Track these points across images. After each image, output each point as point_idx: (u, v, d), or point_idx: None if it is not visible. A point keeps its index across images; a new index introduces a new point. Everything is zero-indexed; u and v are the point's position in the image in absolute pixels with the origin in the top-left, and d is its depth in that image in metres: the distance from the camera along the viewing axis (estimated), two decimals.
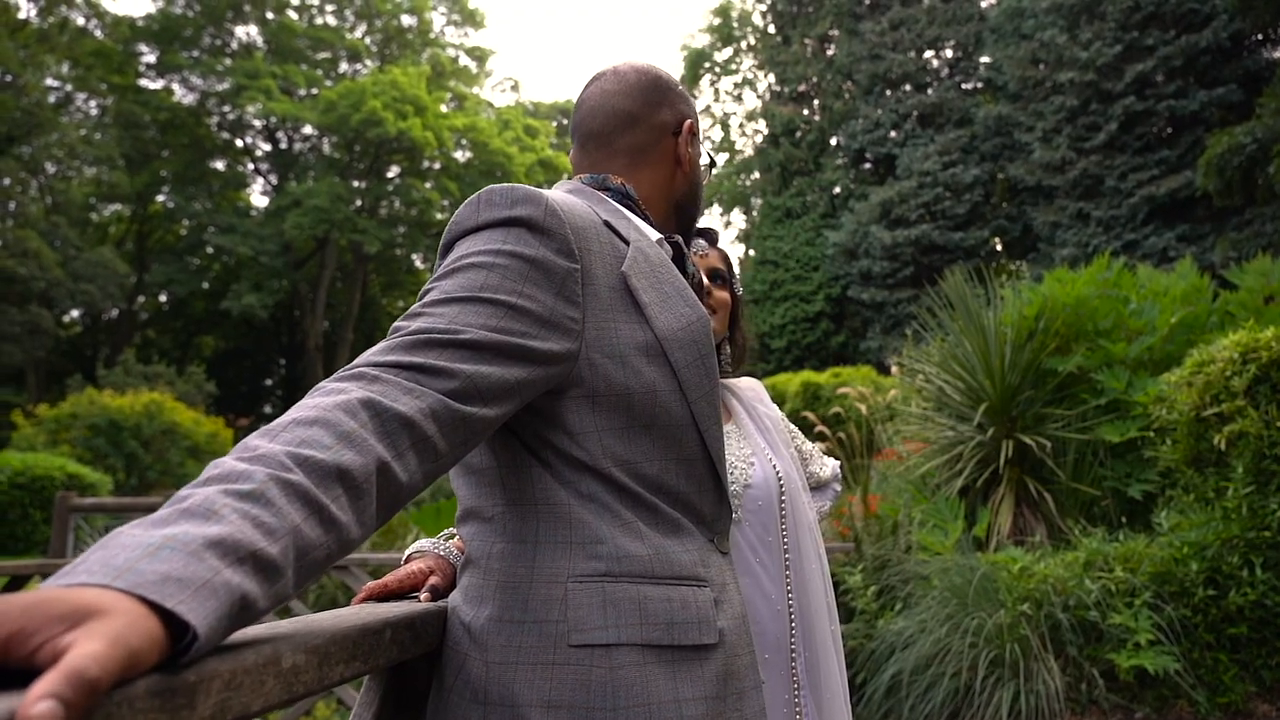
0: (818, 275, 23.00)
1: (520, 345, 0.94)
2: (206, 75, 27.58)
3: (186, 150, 28.33)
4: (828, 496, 1.99)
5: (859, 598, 5.11)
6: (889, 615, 4.89)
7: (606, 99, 1.31)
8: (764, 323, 22.61)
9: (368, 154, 28.60)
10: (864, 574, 5.33)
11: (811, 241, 23.61)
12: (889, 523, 5.75)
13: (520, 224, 1.02)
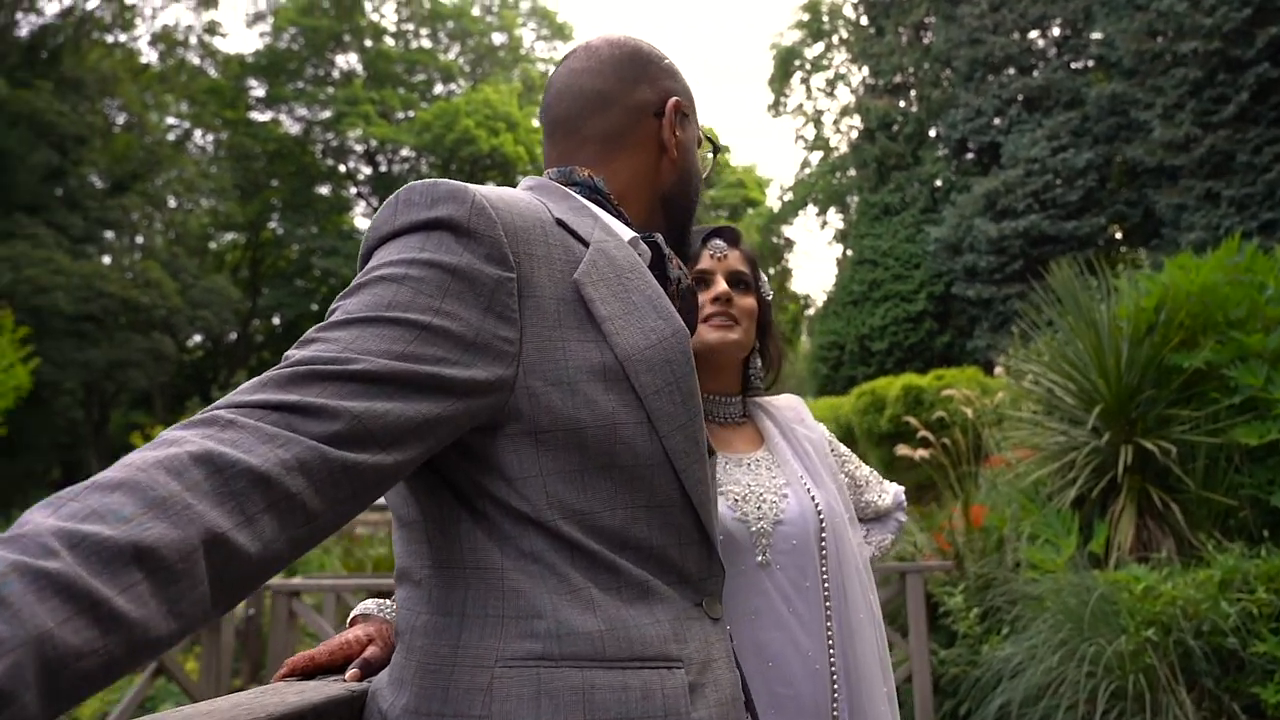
0: (919, 273, 22.20)
1: (432, 375, 0.79)
2: (310, 105, 28.89)
3: (294, 178, 29.67)
4: (889, 529, 1.76)
5: (961, 620, 4.72)
6: (995, 640, 4.50)
7: (574, 79, 1.14)
8: (863, 324, 21.95)
9: (463, 171, 29.29)
10: (966, 594, 4.93)
11: (912, 238, 22.83)
12: (994, 537, 5.32)
13: (442, 226, 0.87)
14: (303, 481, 0.69)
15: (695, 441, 0.94)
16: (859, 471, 1.76)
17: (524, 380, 0.86)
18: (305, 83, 29.54)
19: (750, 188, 33.67)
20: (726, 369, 1.64)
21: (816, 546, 1.48)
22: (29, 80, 23.81)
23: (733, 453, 1.58)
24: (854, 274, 22.83)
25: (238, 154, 28.37)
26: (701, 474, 0.95)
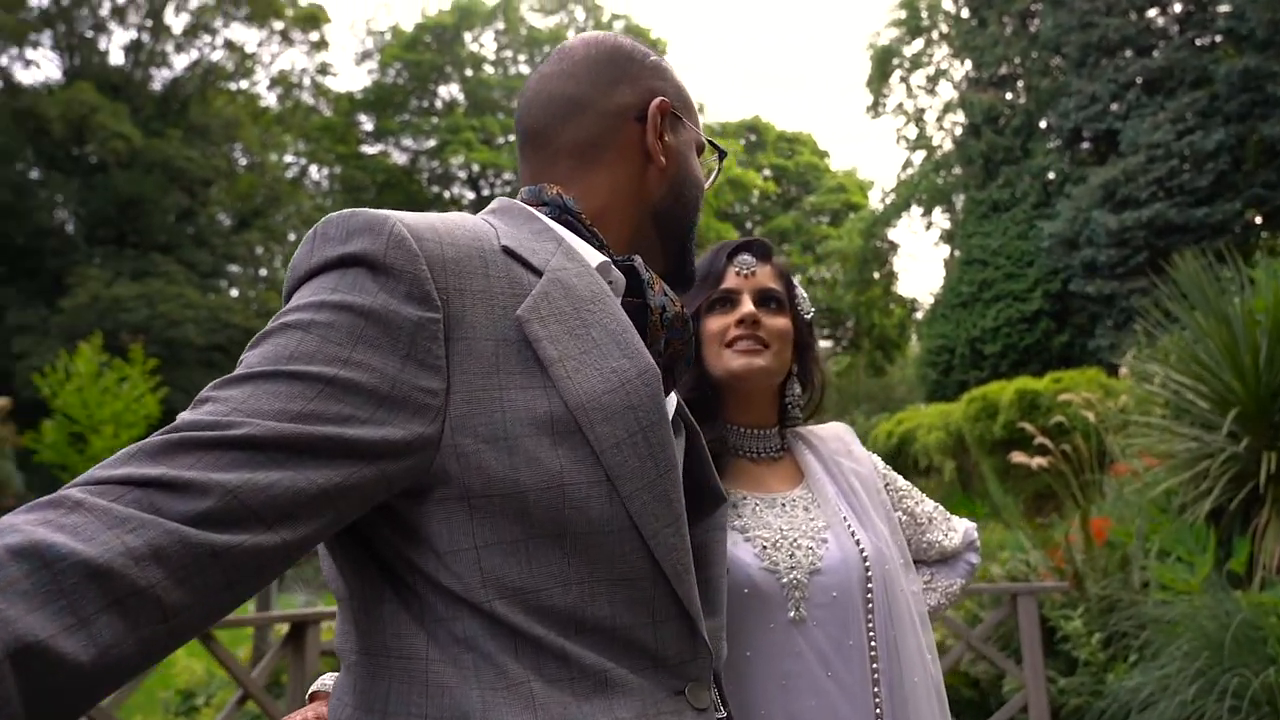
0: (1033, 271, 21.23)
1: (332, 437, 0.70)
2: (416, 135, 30.13)
3: (403, 206, 30.67)
4: (958, 573, 1.59)
5: (1081, 646, 4.36)
6: (1121, 668, 4.13)
7: (544, 85, 1.02)
8: (974, 327, 21.11)
9: None
10: (1087, 618, 4.56)
11: (1024, 235, 21.87)
12: (1119, 553, 4.92)
13: (356, 263, 0.77)
14: (158, 572, 0.60)
15: (668, 502, 0.82)
16: (920, 507, 1.58)
17: (451, 437, 0.76)
18: (410, 114, 30.78)
19: (852, 191, 33.04)
20: (758, 398, 1.50)
21: (861, 598, 1.33)
22: (161, 130, 25.73)
23: (765, 492, 1.44)
24: (963, 274, 22.02)
25: (350, 186, 29.73)
26: (676, 540, 0.82)
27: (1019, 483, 10.16)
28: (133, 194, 24.93)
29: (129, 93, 26.80)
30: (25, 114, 24.45)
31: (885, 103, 27.71)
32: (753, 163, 35.44)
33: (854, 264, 29.15)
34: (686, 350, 0.98)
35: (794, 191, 36.07)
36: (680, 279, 1.07)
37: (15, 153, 24.75)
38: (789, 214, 34.26)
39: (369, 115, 30.77)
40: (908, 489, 1.58)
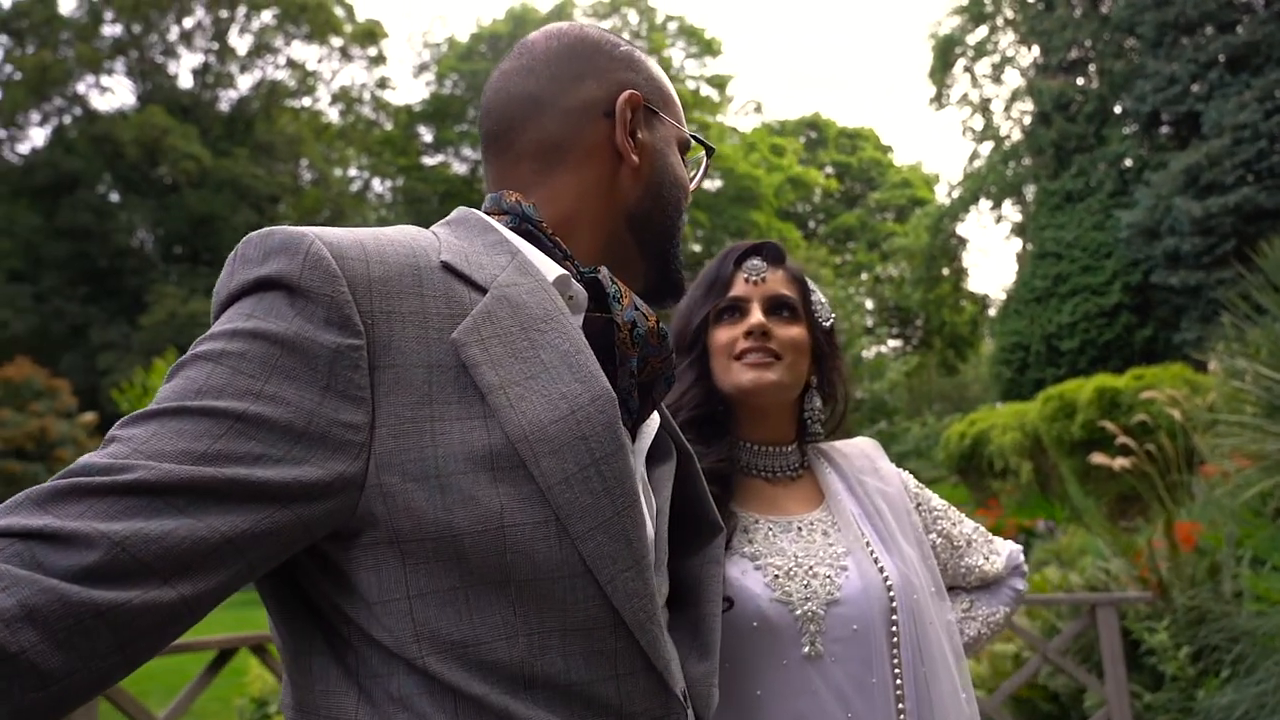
0: (1111, 263, 20.39)
1: (238, 480, 0.65)
2: (474, 145, 30.35)
3: None
4: (1001, 600, 1.48)
5: (1168, 660, 4.01)
6: (1212, 684, 3.79)
7: (504, 83, 0.95)
8: (1049, 322, 20.38)
9: None
10: (1173, 629, 4.20)
11: (1100, 225, 21.05)
12: (1208, 561, 4.54)
13: (273, 286, 0.73)
14: (32, 635, 0.56)
15: (626, 542, 0.74)
16: (958, 529, 1.47)
17: (376, 476, 0.70)
18: (468, 124, 31.14)
19: (917, 186, 32.32)
20: (772, 414, 1.41)
21: (885, 631, 1.23)
22: (229, 149, 26.59)
23: (780, 514, 1.35)
24: (1036, 268, 21.26)
25: (412, 198, 30.23)
26: (638, 584, 0.75)
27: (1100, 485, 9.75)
28: (204, 212, 25.76)
29: (198, 114, 27.70)
30: (102, 139, 25.47)
31: (949, 94, 27.04)
32: (814, 160, 34.97)
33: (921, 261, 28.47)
34: (666, 368, 0.90)
35: (857, 188, 35.46)
36: (665, 288, 1.00)
37: (95, 177, 25.87)
38: (852, 211, 33.69)
39: (428, 127, 31.25)
40: (943, 509, 1.47)
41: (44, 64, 25.28)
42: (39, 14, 25.83)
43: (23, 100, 25.46)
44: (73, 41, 26.39)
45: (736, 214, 28.77)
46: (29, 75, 25.39)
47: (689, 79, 34.38)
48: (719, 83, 34.71)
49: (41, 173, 25.21)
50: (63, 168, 25.11)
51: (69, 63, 26.04)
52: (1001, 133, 27.26)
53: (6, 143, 26.16)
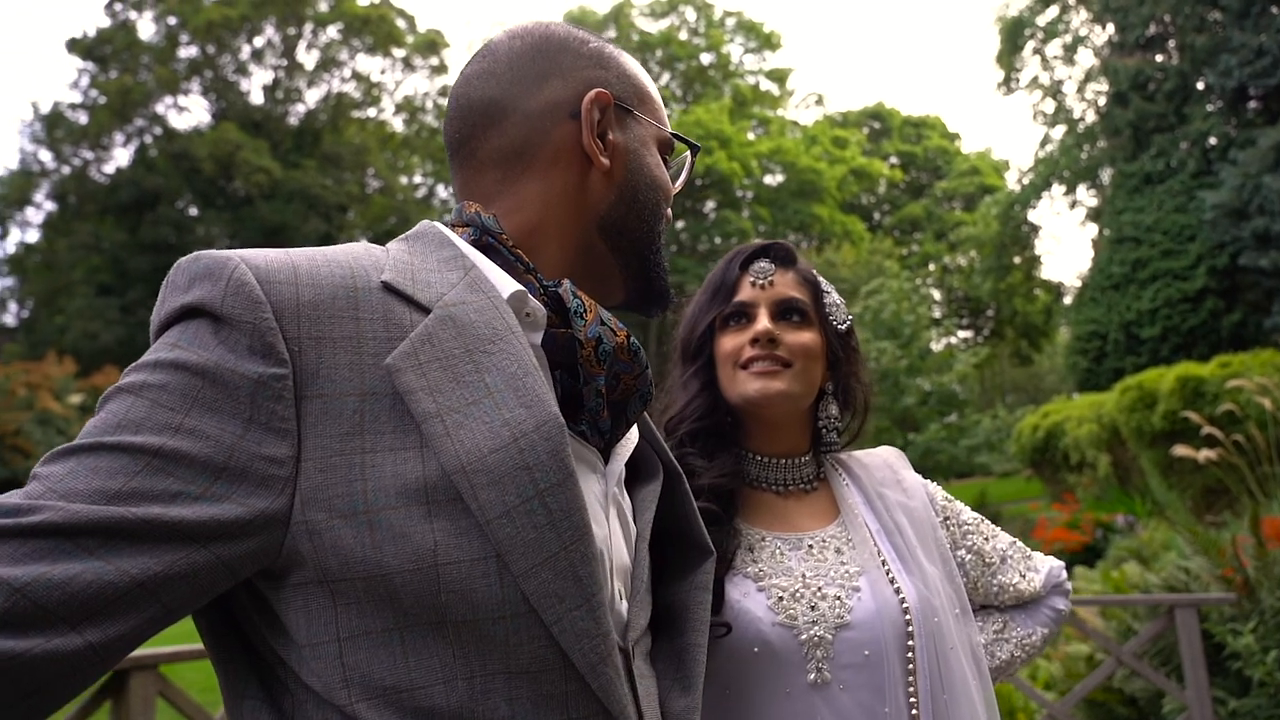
0: (1194, 246, 19.52)
1: (155, 519, 0.62)
2: None
3: None
4: (1039, 620, 1.40)
5: (1254, 665, 3.78)
6: None
7: (465, 88, 0.92)
8: (1128, 310, 19.59)
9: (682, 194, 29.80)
10: (1261, 632, 3.95)
11: (1182, 207, 20.17)
12: None
13: (198, 314, 0.70)
14: None
15: (575, 579, 0.70)
16: (991, 544, 1.39)
17: (302, 512, 0.67)
18: None
19: (986, 173, 31.44)
20: (784, 424, 1.34)
21: (900, 657, 1.16)
22: (299, 161, 27.44)
23: (790, 530, 1.28)
24: (1113, 254, 20.47)
25: None
26: (589, 624, 0.70)
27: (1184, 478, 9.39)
28: (277, 223, 26.62)
29: (268, 129, 28.64)
30: (180, 156, 26.54)
31: (1018, 77, 26.25)
32: (877, 151, 34.32)
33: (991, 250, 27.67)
34: (640, 385, 0.86)
35: (923, 178, 34.69)
36: (650, 297, 0.95)
37: (175, 192, 26.94)
38: (919, 201, 32.97)
39: None
40: (974, 523, 1.39)
41: (125, 87, 26.46)
42: (120, 40, 27.07)
43: (107, 122, 26.67)
44: (151, 65, 27.51)
45: (799, 208, 28.42)
46: (112, 98, 26.58)
47: (748, 74, 34.13)
48: (779, 76, 34.34)
49: (126, 191, 26.38)
50: (145, 185, 26.28)
51: (148, 85, 27.16)
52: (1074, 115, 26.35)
53: (94, 163, 27.44)
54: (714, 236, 30.57)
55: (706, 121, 27.42)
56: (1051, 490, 14.39)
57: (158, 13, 27.44)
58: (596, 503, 0.83)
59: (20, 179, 26.98)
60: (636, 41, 31.23)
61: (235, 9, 26.78)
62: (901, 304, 19.38)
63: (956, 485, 27.33)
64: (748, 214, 29.90)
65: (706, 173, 27.20)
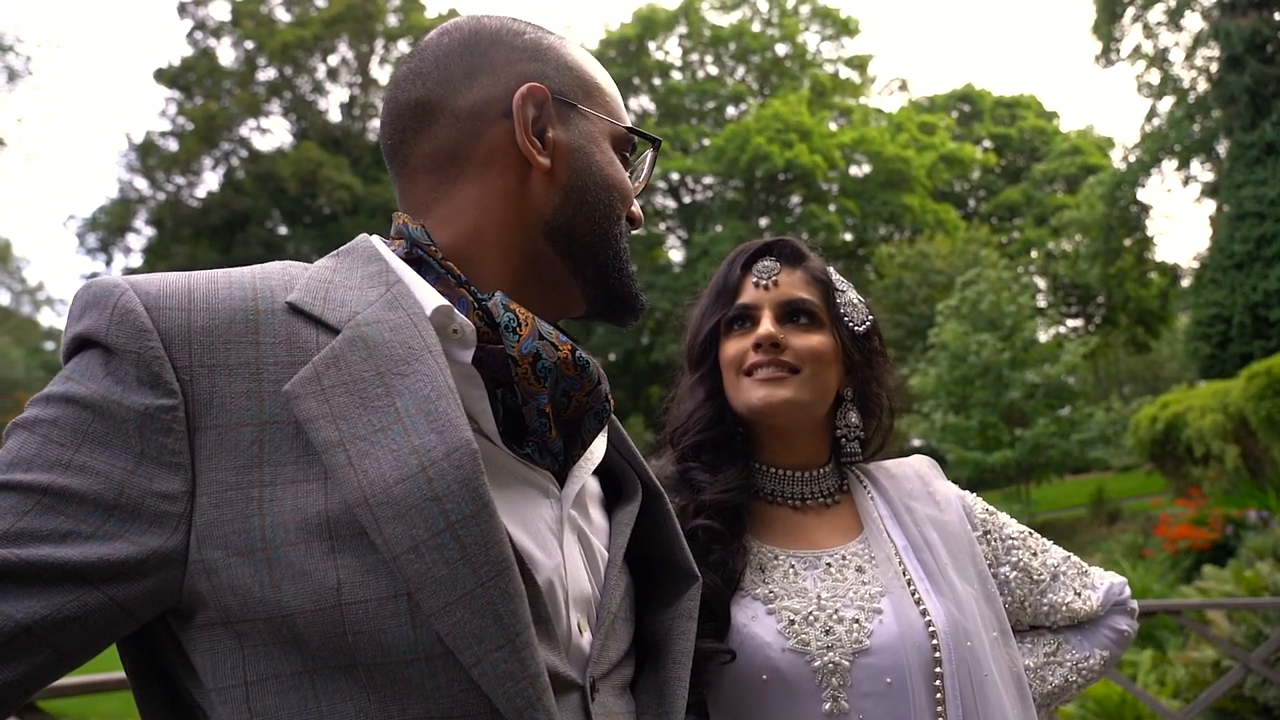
0: None
1: (43, 560, 0.62)
2: None
3: None
4: (1097, 642, 1.31)
5: None
6: None
7: (394, 92, 0.88)
8: (1254, 290, 18.27)
9: (765, 190, 29.34)
10: None
11: None
12: None
13: (87, 345, 0.70)
14: None
15: (495, 617, 0.65)
16: (1040, 560, 1.32)
17: (198, 550, 0.65)
18: None
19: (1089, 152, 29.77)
20: (797, 434, 1.29)
21: (926, 685, 1.10)
22: (377, 176, 28.19)
23: (807, 548, 1.23)
24: (1234, 232, 19.03)
25: None
26: (513, 665, 0.66)
27: None
28: None
29: (347, 145, 29.36)
30: (265, 177, 27.55)
31: (1118, 48, 24.81)
32: (969, 135, 33.04)
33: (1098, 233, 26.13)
34: (593, 402, 0.83)
35: (1020, 161, 33.22)
36: (615, 305, 0.91)
37: (263, 212, 28.03)
38: (1016, 186, 31.53)
39: None
40: (1020, 536, 1.34)
41: (210, 113, 27.58)
42: (203, 67, 28.31)
43: (195, 148, 27.85)
44: (233, 89, 28.58)
45: (887, 199, 27.47)
46: (199, 124, 27.78)
47: (826, 63, 33.56)
48: (859, 63, 33.53)
49: (216, 213, 27.49)
50: (234, 207, 27.43)
51: (231, 109, 28.25)
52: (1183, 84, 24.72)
53: (186, 188, 28.70)
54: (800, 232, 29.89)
55: (785, 114, 26.86)
56: (1175, 485, 13.73)
57: (236, 38, 28.51)
58: (547, 530, 0.80)
59: (119, 207, 28.42)
60: (709, 37, 30.91)
61: (308, 29, 27.57)
62: (1001, 294, 18.56)
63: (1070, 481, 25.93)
64: (834, 208, 29.18)
65: (788, 167, 26.66)
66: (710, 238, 28.00)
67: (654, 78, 31.15)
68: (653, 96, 31.42)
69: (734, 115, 31.59)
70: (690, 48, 31.58)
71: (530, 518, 0.78)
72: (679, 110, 30.95)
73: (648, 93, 31.45)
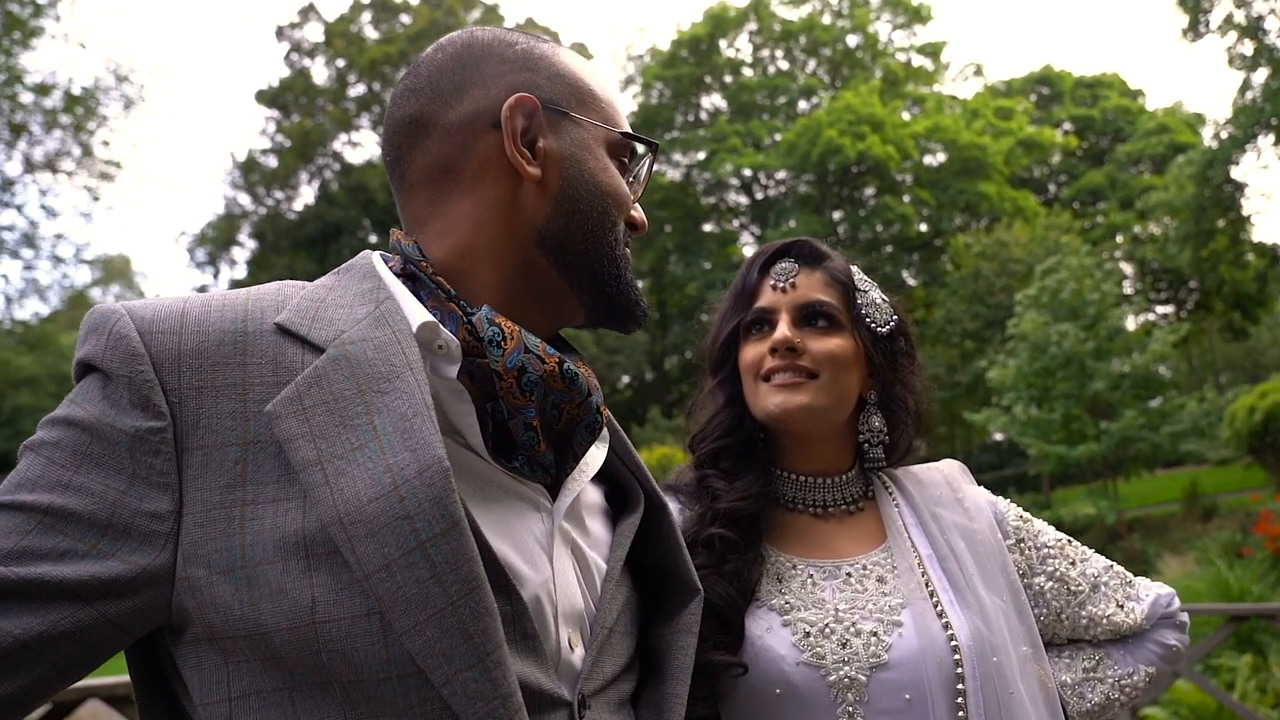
0: None
1: (41, 578, 0.63)
2: (685, 151, 30.77)
3: (682, 221, 31.85)
4: (1142, 657, 1.25)
5: None
6: None
7: (391, 109, 0.89)
8: None
9: (837, 183, 28.98)
10: None
11: None
12: None
13: (89, 370, 0.72)
14: None
15: (465, 636, 0.65)
16: (1078, 570, 1.24)
17: (184, 569, 0.66)
18: (677, 130, 31.62)
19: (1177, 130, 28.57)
20: (819, 440, 1.24)
21: (948, 702, 1.04)
22: None
23: (827, 557, 1.18)
24: None
25: None
26: (483, 685, 0.65)
27: None
28: None
29: None
30: (357, 189, 28.60)
31: (1206, 20, 23.73)
32: (1048, 118, 31.97)
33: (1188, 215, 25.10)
34: (584, 414, 0.82)
35: (1103, 143, 31.99)
36: (615, 313, 0.90)
37: (355, 223, 29.08)
38: (1099, 169, 30.45)
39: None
40: (1057, 546, 1.25)
41: (305, 129, 28.95)
42: (299, 86, 29.68)
43: (293, 164, 29.27)
44: (326, 106, 29.82)
45: (963, 188, 26.95)
46: (295, 141, 29.16)
47: (898, 52, 32.78)
48: (932, 51, 32.73)
49: (312, 225, 28.79)
50: (328, 218, 28.62)
51: (325, 125, 29.49)
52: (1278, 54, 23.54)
53: (284, 202, 30.12)
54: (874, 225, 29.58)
55: (856, 106, 26.53)
56: (1276, 479, 13.00)
57: (328, 57, 29.90)
58: (535, 544, 0.79)
59: (225, 222, 30.21)
60: (779, 32, 30.76)
61: (394, 45, 28.50)
62: (1083, 282, 17.93)
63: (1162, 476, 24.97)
64: (908, 198, 28.71)
65: (860, 159, 26.32)
66: (783, 233, 27.75)
67: (725, 75, 31.08)
68: (724, 94, 31.33)
69: (805, 109, 31.23)
70: (761, 44, 31.40)
71: (518, 532, 0.77)
72: (750, 106, 30.79)
73: (719, 90, 31.40)
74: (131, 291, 39.36)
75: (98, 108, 15.22)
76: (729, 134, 29.18)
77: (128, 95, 15.56)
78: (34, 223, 15.17)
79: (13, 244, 14.92)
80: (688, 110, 32.17)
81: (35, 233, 15.10)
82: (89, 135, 15.28)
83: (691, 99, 31.80)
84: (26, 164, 14.88)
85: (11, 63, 14.09)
